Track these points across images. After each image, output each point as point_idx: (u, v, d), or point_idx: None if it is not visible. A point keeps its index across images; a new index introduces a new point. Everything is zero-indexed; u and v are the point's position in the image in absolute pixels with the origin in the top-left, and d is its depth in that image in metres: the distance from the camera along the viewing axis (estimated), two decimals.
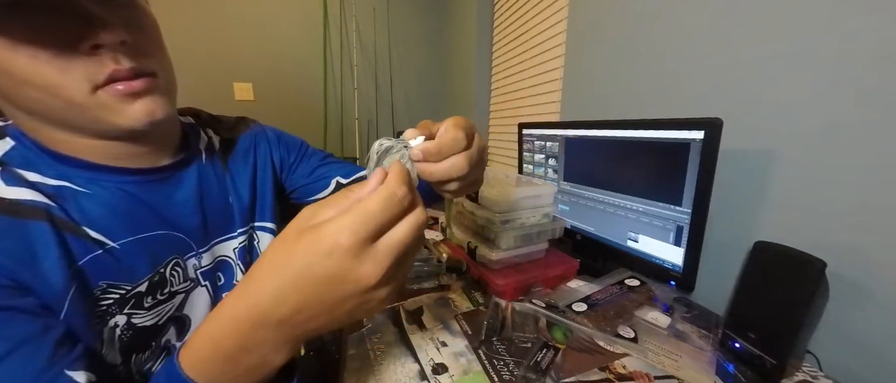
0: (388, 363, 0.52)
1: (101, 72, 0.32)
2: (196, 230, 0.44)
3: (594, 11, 1.04)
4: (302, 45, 2.18)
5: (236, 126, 0.56)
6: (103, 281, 0.36)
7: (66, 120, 0.34)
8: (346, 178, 0.60)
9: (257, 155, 0.55)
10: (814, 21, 0.55)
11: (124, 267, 0.37)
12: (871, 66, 0.49)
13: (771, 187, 0.61)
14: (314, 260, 0.23)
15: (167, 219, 0.42)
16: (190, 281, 0.44)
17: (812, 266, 0.47)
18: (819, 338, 0.55)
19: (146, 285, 0.39)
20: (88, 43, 0.31)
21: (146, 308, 0.39)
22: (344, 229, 0.23)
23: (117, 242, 0.37)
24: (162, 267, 0.41)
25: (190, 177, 0.45)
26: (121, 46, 0.32)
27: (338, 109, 2.30)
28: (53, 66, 0.30)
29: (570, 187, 0.86)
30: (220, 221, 0.48)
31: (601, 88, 1.03)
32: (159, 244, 0.40)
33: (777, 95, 0.60)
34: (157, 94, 0.36)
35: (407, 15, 2.40)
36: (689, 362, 0.51)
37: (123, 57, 0.33)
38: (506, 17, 1.71)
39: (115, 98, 0.33)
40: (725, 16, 0.67)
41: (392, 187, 0.25)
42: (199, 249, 0.45)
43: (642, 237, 0.68)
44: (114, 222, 0.37)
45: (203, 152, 0.49)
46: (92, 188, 0.37)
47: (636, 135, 0.66)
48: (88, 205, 0.36)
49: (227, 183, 0.50)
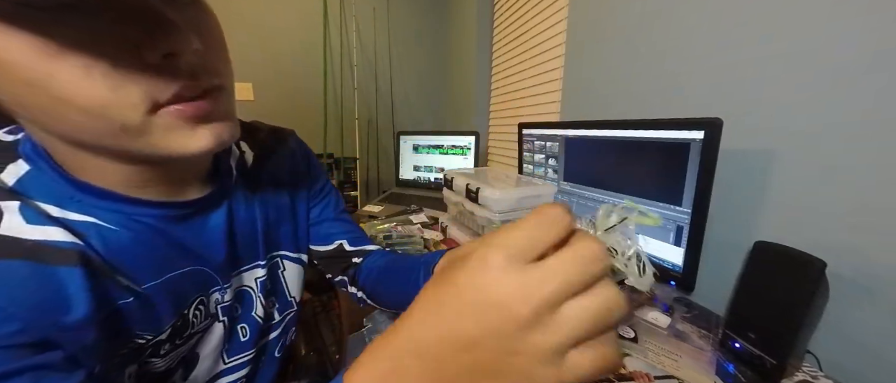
0: None
1: (167, 88, 0.26)
2: (223, 262, 0.40)
3: (594, 11, 1.04)
4: (302, 45, 2.18)
5: (271, 140, 0.51)
6: (129, 329, 0.31)
7: (102, 144, 0.27)
8: (351, 246, 0.56)
9: (291, 176, 0.51)
10: (814, 21, 0.55)
11: (149, 315, 0.33)
12: (872, 66, 0.49)
13: (771, 187, 0.61)
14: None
15: (195, 253, 0.37)
16: (210, 317, 0.40)
17: (812, 266, 0.47)
18: (819, 338, 0.55)
19: (168, 332, 0.35)
20: (157, 52, 0.24)
21: (161, 355, 0.35)
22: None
23: (142, 286, 0.32)
24: (186, 308, 0.36)
25: (221, 204, 0.40)
26: (193, 56, 0.26)
27: (338, 109, 2.29)
28: (108, 82, 0.23)
29: (570, 187, 0.86)
30: (245, 250, 0.44)
31: (601, 88, 1.03)
32: (185, 282, 0.36)
33: (777, 95, 0.60)
34: (224, 112, 0.30)
35: (407, 15, 2.40)
36: (689, 362, 0.51)
37: (196, 69, 0.27)
38: (506, 17, 1.71)
39: (179, 120, 0.27)
40: (725, 16, 0.67)
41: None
42: (223, 283, 0.40)
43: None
44: (140, 263, 0.32)
45: (234, 169, 0.43)
46: (119, 224, 0.31)
47: (636, 135, 0.66)
48: (115, 244, 0.31)
49: (256, 206, 0.45)
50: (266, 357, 0.51)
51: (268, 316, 0.49)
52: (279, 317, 0.51)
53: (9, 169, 0.29)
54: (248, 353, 0.47)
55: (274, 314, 0.51)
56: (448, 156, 1.62)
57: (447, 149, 1.62)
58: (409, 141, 1.73)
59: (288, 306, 0.52)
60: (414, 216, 1.22)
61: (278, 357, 0.52)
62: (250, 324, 0.46)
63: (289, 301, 0.52)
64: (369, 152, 2.42)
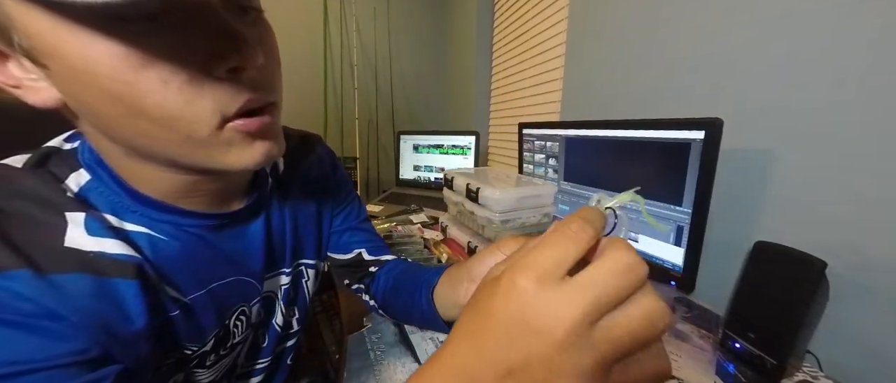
0: (388, 363, 0.52)
1: (234, 102, 0.26)
2: (260, 271, 0.41)
3: (594, 11, 1.04)
4: (302, 45, 2.17)
5: (301, 146, 0.51)
6: (179, 341, 0.32)
7: (173, 156, 0.28)
8: (369, 255, 0.55)
9: (319, 184, 0.51)
10: (814, 21, 0.55)
11: (194, 325, 0.33)
12: (872, 66, 0.49)
13: (771, 187, 0.61)
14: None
15: (236, 263, 0.38)
16: (250, 328, 0.41)
17: (812, 266, 0.47)
18: (819, 338, 0.55)
19: (212, 343, 0.36)
20: (226, 65, 0.25)
21: (207, 366, 0.36)
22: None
23: (188, 297, 0.33)
24: (227, 319, 0.37)
25: (259, 213, 0.41)
26: (257, 72, 0.27)
27: (338, 109, 2.29)
28: (182, 95, 0.24)
29: (570, 187, 0.86)
30: (276, 256, 0.44)
31: (601, 88, 1.03)
32: (228, 292, 0.37)
33: (777, 95, 0.60)
34: (276, 128, 0.31)
35: (407, 15, 2.40)
36: (689, 362, 0.51)
37: (258, 84, 0.27)
38: (506, 17, 1.71)
39: (241, 135, 0.28)
40: (726, 16, 0.67)
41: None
42: (263, 292, 0.41)
43: (642, 237, 0.68)
44: (186, 274, 0.33)
45: (270, 179, 0.44)
46: (169, 235, 0.32)
47: (636, 135, 0.66)
48: (166, 255, 0.32)
49: (287, 214, 0.45)
50: (281, 364, 0.51)
51: (287, 325, 0.49)
52: (297, 327, 0.52)
53: (72, 177, 0.30)
54: (264, 360, 0.47)
55: (293, 323, 0.51)
56: (448, 156, 1.62)
57: (447, 149, 1.62)
58: (409, 141, 1.73)
59: (304, 315, 0.52)
60: (414, 216, 1.22)
61: (290, 364, 0.53)
62: (270, 332, 0.47)
63: (306, 310, 0.53)
64: (369, 152, 2.42)
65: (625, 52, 0.92)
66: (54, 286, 0.24)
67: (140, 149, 0.28)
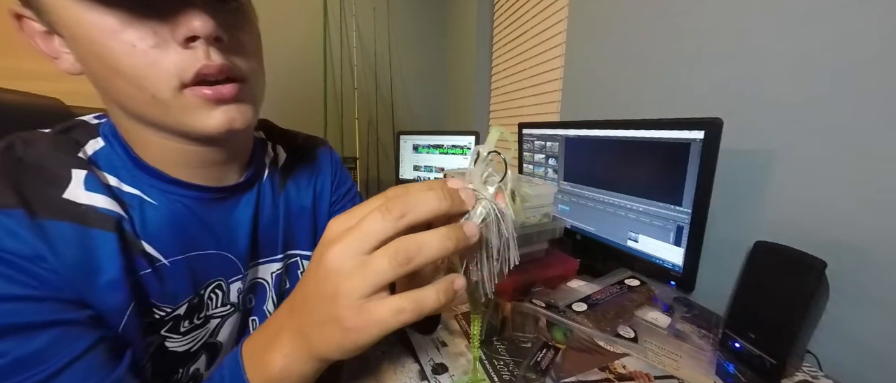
0: (388, 363, 0.52)
1: (191, 67, 0.30)
2: (245, 252, 0.43)
3: (594, 11, 1.04)
4: (302, 45, 2.18)
5: (305, 145, 0.55)
6: (151, 299, 0.35)
7: (150, 116, 0.33)
8: None
9: (318, 180, 0.53)
10: (814, 21, 0.55)
11: (168, 287, 0.36)
12: (872, 66, 0.49)
13: (771, 187, 0.61)
14: (319, 249, 0.24)
15: (221, 239, 0.41)
16: (230, 305, 0.43)
17: (812, 266, 0.47)
18: (819, 338, 0.54)
19: (185, 308, 0.38)
20: (184, 32, 0.29)
21: (181, 332, 0.38)
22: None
23: (168, 260, 0.36)
24: (202, 288, 0.40)
25: (250, 196, 0.45)
26: (215, 42, 0.31)
27: (338, 109, 2.29)
28: (147, 58, 0.29)
29: (570, 187, 0.86)
30: (266, 243, 0.46)
31: (601, 88, 1.03)
32: (207, 263, 0.40)
33: (777, 95, 0.60)
34: (242, 102, 0.35)
35: (407, 15, 2.40)
36: (689, 362, 0.51)
37: (216, 52, 0.31)
38: (506, 17, 1.71)
39: (200, 100, 0.32)
40: (726, 16, 0.67)
41: None
42: (245, 272, 0.43)
43: (642, 237, 0.68)
44: (170, 238, 0.37)
45: (267, 168, 0.48)
46: (159, 200, 0.37)
47: (636, 135, 0.66)
48: (152, 217, 0.36)
49: (281, 203, 0.48)
50: None
51: None
52: None
53: (90, 143, 0.36)
54: None
55: None
56: (448, 156, 1.62)
57: (447, 149, 1.62)
58: (409, 140, 1.73)
59: None
60: None
61: None
62: (261, 319, 0.47)
63: None
64: (369, 152, 2.42)
65: (625, 52, 0.92)
66: (42, 229, 0.29)
67: (131, 112, 0.33)
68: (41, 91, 0.60)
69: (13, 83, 0.57)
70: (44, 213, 0.29)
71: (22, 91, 0.59)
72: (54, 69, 0.33)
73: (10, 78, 0.77)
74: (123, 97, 0.32)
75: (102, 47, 0.29)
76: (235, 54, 0.34)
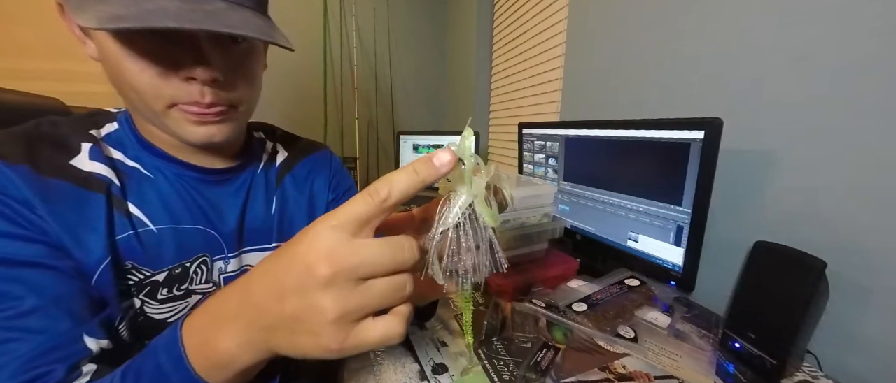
0: (388, 363, 0.52)
1: (184, 98, 0.36)
2: (231, 233, 0.46)
3: (594, 11, 1.04)
4: (302, 45, 2.17)
5: (306, 147, 0.58)
6: (130, 260, 0.39)
7: (148, 117, 0.39)
8: None
9: (316, 180, 0.56)
10: (814, 21, 0.55)
11: (152, 252, 0.40)
12: (871, 66, 0.49)
13: (771, 187, 0.61)
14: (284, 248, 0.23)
15: (208, 217, 0.45)
16: (212, 283, 0.45)
17: (812, 266, 0.47)
18: (819, 338, 0.54)
19: (165, 275, 0.41)
20: (185, 73, 0.35)
21: (159, 300, 0.41)
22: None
23: (156, 226, 0.40)
24: (188, 261, 0.43)
25: (242, 183, 0.48)
26: (212, 83, 0.36)
27: (338, 109, 2.29)
28: (153, 82, 0.35)
29: (570, 187, 0.86)
30: (256, 230, 0.49)
31: (601, 88, 1.03)
32: (194, 237, 0.43)
33: (777, 95, 0.60)
34: (225, 122, 0.40)
35: (407, 15, 2.40)
36: (689, 362, 0.51)
37: (210, 92, 0.37)
38: (506, 17, 1.71)
39: (185, 117, 0.37)
40: (725, 16, 0.67)
41: None
42: (228, 253, 0.46)
43: (642, 237, 0.68)
44: (161, 208, 0.41)
45: (262, 162, 0.52)
46: (156, 175, 0.42)
47: (636, 135, 0.66)
48: (148, 188, 0.41)
49: (276, 196, 0.51)
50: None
51: None
52: None
53: (106, 126, 0.42)
54: None
55: None
56: None
57: None
58: (409, 141, 1.73)
59: None
60: None
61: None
62: None
63: None
64: (369, 152, 2.42)
65: (625, 52, 0.92)
66: (45, 184, 0.34)
67: (139, 112, 0.39)
68: (41, 91, 0.60)
69: (13, 83, 0.58)
70: (49, 172, 0.35)
71: (22, 91, 0.59)
72: (54, 69, 0.36)
73: (10, 78, 0.77)
74: (133, 102, 0.38)
75: (116, 60, 0.34)
76: (230, 90, 0.38)
